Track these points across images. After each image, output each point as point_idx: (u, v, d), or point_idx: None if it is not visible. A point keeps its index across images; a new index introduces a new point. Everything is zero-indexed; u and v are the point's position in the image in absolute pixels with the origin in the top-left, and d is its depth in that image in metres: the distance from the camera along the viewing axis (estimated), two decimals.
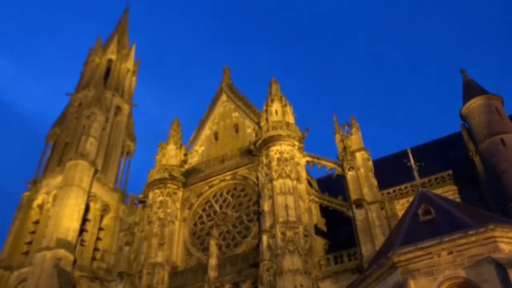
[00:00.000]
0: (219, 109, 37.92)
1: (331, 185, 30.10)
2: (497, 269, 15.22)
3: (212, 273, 26.08)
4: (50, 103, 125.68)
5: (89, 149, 40.94)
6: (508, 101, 30.04)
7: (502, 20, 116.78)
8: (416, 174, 22.82)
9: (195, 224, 31.78)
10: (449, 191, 28.36)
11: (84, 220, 38.69)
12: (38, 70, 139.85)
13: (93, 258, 38.41)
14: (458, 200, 26.85)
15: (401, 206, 28.62)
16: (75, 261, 35.68)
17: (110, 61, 51.66)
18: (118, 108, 48.06)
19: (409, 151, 23.51)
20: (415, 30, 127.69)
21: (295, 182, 27.45)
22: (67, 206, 37.08)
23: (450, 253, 16.34)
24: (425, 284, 16.22)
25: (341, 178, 28.02)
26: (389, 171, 31.59)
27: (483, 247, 15.99)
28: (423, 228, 18.44)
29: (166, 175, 33.02)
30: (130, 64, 52.87)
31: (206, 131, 36.95)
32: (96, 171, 40.52)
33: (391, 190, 30.33)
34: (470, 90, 30.74)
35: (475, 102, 29.52)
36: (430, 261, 16.52)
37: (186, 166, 34.70)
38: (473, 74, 32.20)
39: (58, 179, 40.31)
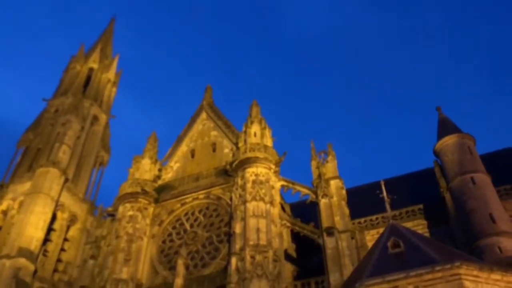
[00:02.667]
0: (198, 126, 37.80)
1: (303, 211, 30.16)
2: None
3: None
4: (25, 107, 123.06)
5: (61, 157, 40.08)
6: (479, 141, 30.97)
7: (483, 59, 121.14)
8: (388, 206, 23.14)
9: (163, 242, 31.20)
10: (419, 225, 28.74)
11: (50, 229, 37.58)
12: (15, 73, 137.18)
13: (55, 270, 37.14)
14: (428, 234, 27.22)
15: (371, 237, 28.85)
16: (35, 271, 34.43)
17: (91, 70, 51.17)
18: (95, 118, 47.39)
19: (382, 182, 23.88)
20: (395, 65, 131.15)
21: (268, 206, 27.38)
22: (33, 214, 35.96)
23: (416, 287, 16.47)
24: None
25: (314, 205, 28.11)
26: (361, 200, 31.89)
27: (449, 283, 16.20)
28: (392, 260, 18.60)
29: (138, 189, 32.49)
30: (111, 74, 52.44)
31: (183, 148, 36.69)
32: (66, 180, 39.59)
33: (362, 220, 30.56)
34: (445, 127, 31.56)
35: (449, 140, 30.27)
36: None
37: (160, 182, 34.25)
38: (449, 111, 33.18)
39: (26, 185, 39.19)
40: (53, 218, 37.94)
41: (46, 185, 37.60)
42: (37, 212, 36.22)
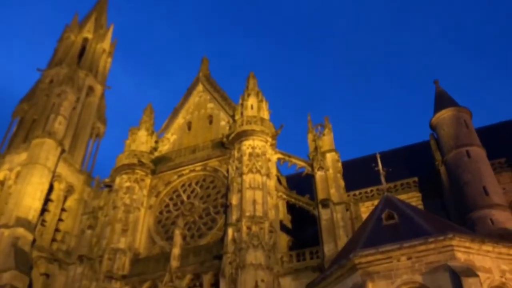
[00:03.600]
0: (194, 98, 37.61)
1: (299, 183, 30.42)
2: (452, 276, 15.76)
3: (174, 263, 25.98)
4: (20, 77, 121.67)
5: (57, 128, 39.93)
6: (476, 114, 31.05)
7: (481, 33, 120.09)
8: (383, 178, 23.34)
9: (161, 213, 31.52)
10: (413, 198, 29.11)
11: (47, 200, 37.80)
12: (9, 42, 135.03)
13: (53, 239, 37.57)
14: (421, 207, 27.61)
15: (365, 209, 29.24)
16: (34, 241, 34.82)
17: (85, 40, 50.36)
18: (91, 89, 46.99)
19: (378, 155, 24.01)
20: (394, 37, 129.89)
21: (264, 178, 27.58)
22: (30, 185, 36.10)
23: (409, 258, 16.81)
24: (383, 287, 16.64)
25: (310, 177, 28.32)
26: (357, 173, 32.16)
27: (441, 254, 16.52)
28: (386, 232, 18.89)
29: (135, 161, 32.58)
30: (106, 44, 51.65)
31: (179, 120, 36.61)
32: (63, 151, 39.57)
33: (357, 192, 30.90)
34: (442, 101, 31.56)
35: (445, 113, 30.32)
36: (390, 265, 16.95)
37: (156, 154, 34.31)
38: (446, 84, 33.12)
39: (23, 156, 39.18)
40: (50, 188, 38.09)
41: (43, 156, 37.60)
42: (34, 182, 36.34)
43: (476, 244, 16.85)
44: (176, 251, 26.51)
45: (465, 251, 16.62)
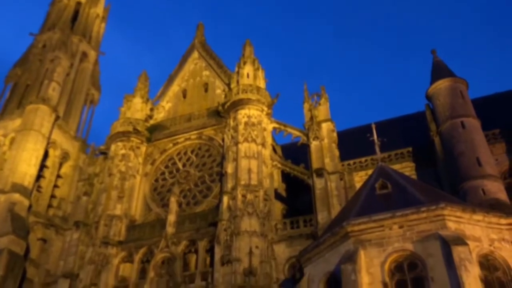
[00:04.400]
0: (189, 66, 37.21)
1: (294, 153, 30.55)
2: (442, 245, 16.13)
3: (170, 229, 26.35)
4: (12, 42, 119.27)
5: (51, 94, 39.56)
6: (472, 85, 30.97)
7: (479, 2, 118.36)
8: (377, 148, 23.48)
9: (156, 180, 31.70)
10: (407, 168, 29.33)
11: (42, 166, 37.85)
12: (0, 6, 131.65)
13: (50, 205, 37.84)
14: (415, 177, 27.86)
15: (359, 178, 29.48)
16: (30, 206, 35.09)
17: (78, 3, 49.18)
18: (84, 55, 46.27)
19: (373, 126, 24.06)
20: (391, 6, 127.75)
21: (260, 147, 27.67)
22: (24, 151, 36.07)
23: (401, 227, 17.13)
24: (375, 255, 17.03)
25: (305, 147, 28.44)
26: (352, 143, 32.28)
27: (432, 223, 16.85)
28: (379, 201, 19.18)
29: (130, 128, 32.50)
30: (99, 9, 50.52)
31: (175, 88, 36.32)
32: (57, 118, 39.35)
33: (351, 162, 31.06)
34: (439, 71, 31.36)
35: (442, 84, 30.19)
36: (382, 233, 17.30)
37: (151, 121, 34.21)
38: (444, 54, 32.84)
39: (17, 122, 38.96)
40: (45, 155, 38.09)
41: (37, 122, 37.41)
42: (29, 148, 36.30)
43: (467, 213, 17.17)
44: (172, 218, 26.84)
45: (456, 220, 16.93)
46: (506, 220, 17.45)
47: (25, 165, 35.53)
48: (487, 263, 16.44)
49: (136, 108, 33.98)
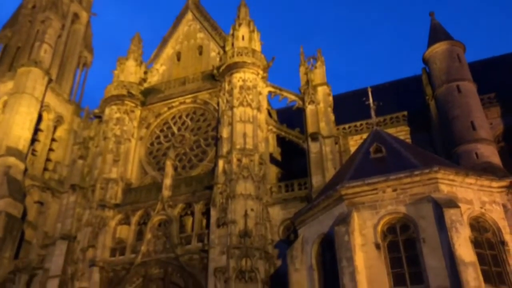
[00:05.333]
0: (183, 27, 36.47)
1: (290, 117, 30.51)
2: (434, 207, 16.40)
3: (166, 192, 26.58)
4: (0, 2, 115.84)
5: (43, 56, 38.93)
6: (469, 48, 30.69)
7: None
8: (373, 112, 23.46)
9: (151, 144, 31.71)
10: (401, 132, 29.45)
11: (36, 130, 37.71)
12: None
13: (45, 169, 37.99)
14: (409, 141, 28.01)
15: (354, 142, 29.62)
16: (26, 170, 35.20)
17: None
18: (76, 16, 45.26)
19: (369, 89, 23.95)
20: None
21: (255, 112, 27.56)
22: (18, 114, 35.85)
23: (394, 190, 17.35)
24: (368, 217, 17.32)
25: (301, 111, 28.36)
26: (347, 107, 32.24)
27: (425, 187, 17.06)
28: (373, 165, 19.32)
29: (124, 92, 32.18)
30: None
31: (169, 50, 35.73)
32: (50, 81, 38.90)
33: (346, 126, 31.13)
34: (436, 34, 30.98)
35: (439, 47, 29.90)
36: (375, 196, 17.53)
37: (146, 85, 33.84)
38: (442, 17, 32.31)
39: (9, 85, 38.50)
40: (39, 118, 37.90)
41: (29, 85, 36.99)
42: (22, 112, 36.06)
43: (460, 177, 17.37)
44: (167, 181, 27.03)
45: (449, 183, 17.15)
46: (498, 183, 17.69)
47: (19, 128, 35.39)
48: (478, 225, 16.79)
49: (130, 71, 33.53)
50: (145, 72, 34.47)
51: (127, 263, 25.22)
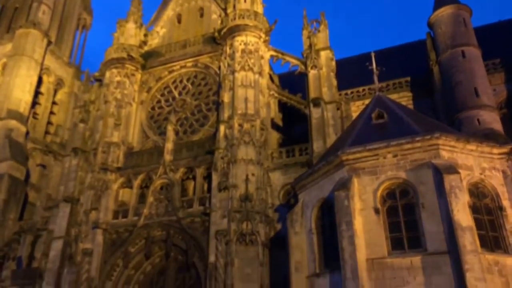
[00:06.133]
0: None
1: (292, 82, 30.26)
2: (434, 173, 16.49)
3: (167, 157, 26.71)
4: None
5: (41, 17, 38.29)
6: (476, 13, 30.06)
7: None
8: (375, 78, 23.25)
9: (152, 108, 31.60)
10: (404, 97, 29.29)
11: (37, 93, 37.58)
12: None
13: (47, 132, 38.12)
14: (412, 107, 27.91)
15: (356, 108, 29.53)
16: (27, 133, 35.33)
17: None
18: None
19: (372, 54, 23.62)
20: None
21: (257, 76, 27.29)
22: (18, 77, 35.64)
23: (395, 156, 17.39)
24: (368, 182, 17.45)
25: (303, 76, 28.08)
26: (350, 72, 31.94)
27: (426, 153, 17.09)
28: (374, 131, 19.30)
29: (124, 55, 31.79)
30: None
31: (169, 12, 35.02)
32: (49, 43, 38.42)
33: (349, 91, 30.94)
34: None
35: (444, 11, 29.31)
36: (376, 162, 17.60)
37: (146, 48, 33.37)
38: None
39: (8, 47, 38.07)
40: (39, 81, 37.69)
41: (28, 47, 36.59)
42: (22, 75, 35.84)
43: (461, 143, 17.37)
44: (169, 145, 27.11)
45: (450, 149, 17.17)
46: (499, 150, 17.70)
47: (20, 91, 35.28)
48: (477, 191, 16.92)
49: (130, 33, 33.01)
50: (145, 35, 33.95)
51: (130, 225, 25.65)
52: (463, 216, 15.41)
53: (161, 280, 25.07)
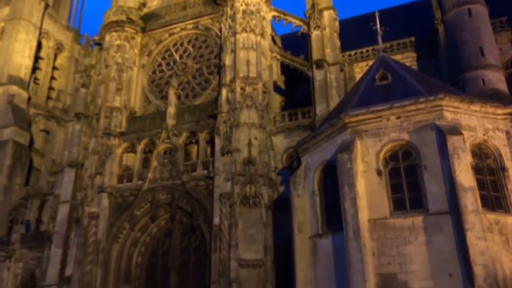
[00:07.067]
0: None
1: (294, 43, 29.75)
2: (437, 134, 16.47)
3: (170, 121, 26.70)
4: None
5: None
6: None
7: None
8: (380, 38, 22.85)
9: (154, 72, 31.31)
10: (408, 58, 28.88)
11: (37, 58, 37.24)
12: None
13: (48, 97, 38.04)
14: (416, 67, 27.54)
15: (360, 69, 29.19)
16: (29, 98, 35.27)
17: None
18: None
19: (376, 14, 23.11)
20: None
21: (259, 38, 26.83)
22: (17, 41, 35.25)
23: (398, 117, 17.33)
24: (370, 144, 17.48)
25: (306, 37, 27.56)
26: (354, 32, 31.36)
27: (430, 114, 17.01)
28: (378, 92, 19.15)
29: (124, 17, 31.18)
30: None
31: None
32: (47, 6, 37.75)
33: (352, 52, 30.48)
34: None
35: None
36: (379, 124, 17.56)
37: (145, 10, 32.68)
38: None
39: (5, 10, 37.45)
40: (39, 46, 37.27)
41: (26, 11, 35.98)
42: (21, 39, 35.44)
43: (464, 104, 17.25)
44: (171, 110, 27.04)
45: (454, 110, 17.07)
46: (503, 110, 17.58)
47: (19, 56, 34.98)
48: (479, 152, 16.93)
49: None
50: None
51: (135, 189, 25.95)
52: (465, 177, 15.49)
53: (167, 242, 25.62)
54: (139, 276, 25.35)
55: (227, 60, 26.55)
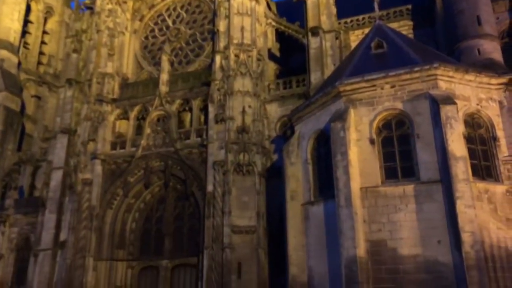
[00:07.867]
0: None
1: (290, 10, 29.22)
2: (431, 104, 16.51)
3: (163, 88, 26.45)
4: None
5: None
6: None
7: None
8: (376, 5, 22.51)
9: (146, 38, 30.76)
10: (404, 26, 28.51)
11: (26, 21, 36.36)
12: None
13: (39, 63, 37.35)
14: (412, 36, 27.25)
15: (355, 37, 28.80)
16: (19, 63, 34.63)
17: None
18: None
19: None
20: None
21: (253, 3, 26.29)
22: (5, 5, 34.34)
23: (393, 86, 17.30)
24: (364, 113, 17.50)
25: (301, 3, 27.01)
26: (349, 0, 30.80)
27: (424, 83, 16.99)
28: (373, 60, 19.03)
29: None
30: None
31: None
32: None
33: (348, 20, 30.02)
34: None
35: None
36: (373, 93, 17.54)
37: None
38: None
39: None
40: (28, 9, 36.34)
41: None
42: (9, 2, 34.56)
43: (459, 73, 17.22)
44: (164, 76, 26.74)
45: (448, 80, 17.05)
46: (497, 80, 17.59)
47: (8, 20, 34.14)
48: (472, 121, 17.03)
49: None
50: None
51: (128, 156, 25.94)
52: (457, 146, 15.63)
53: (161, 208, 25.84)
54: (133, 242, 25.68)
55: (221, 26, 26.08)
